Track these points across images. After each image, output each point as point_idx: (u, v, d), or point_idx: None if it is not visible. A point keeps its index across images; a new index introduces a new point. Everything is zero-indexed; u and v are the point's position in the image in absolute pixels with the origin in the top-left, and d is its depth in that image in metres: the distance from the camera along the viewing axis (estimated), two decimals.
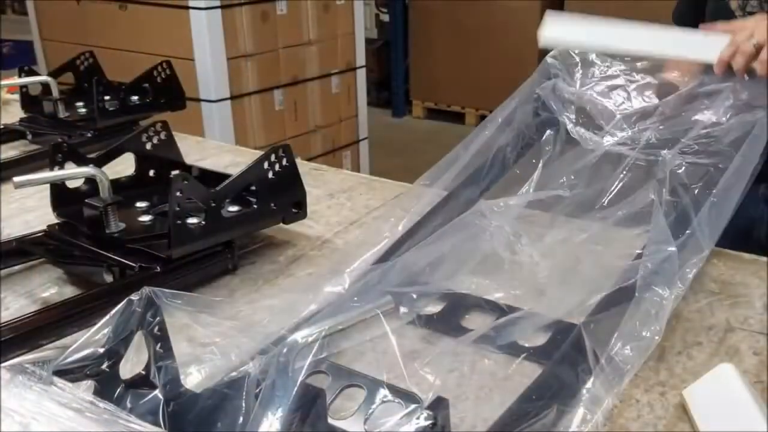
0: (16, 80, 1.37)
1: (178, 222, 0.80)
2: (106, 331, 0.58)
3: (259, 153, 1.04)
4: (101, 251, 0.84)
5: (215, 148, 1.41)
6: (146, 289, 0.60)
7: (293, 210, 0.92)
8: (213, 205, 0.83)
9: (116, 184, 0.89)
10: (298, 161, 0.92)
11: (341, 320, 0.73)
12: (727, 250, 0.91)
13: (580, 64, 1.05)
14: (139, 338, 0.59)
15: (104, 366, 0.58)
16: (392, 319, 0.75)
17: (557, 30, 1.07)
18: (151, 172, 0.99)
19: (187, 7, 2.49)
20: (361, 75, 3.22)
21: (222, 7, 2.52)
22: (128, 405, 0.58)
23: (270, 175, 0.88)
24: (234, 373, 0.60)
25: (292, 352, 0.62)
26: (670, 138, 0.94)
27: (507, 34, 4.48)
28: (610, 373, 0.65)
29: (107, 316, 0.59)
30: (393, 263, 0.79)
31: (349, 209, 1.07)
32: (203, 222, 0.82)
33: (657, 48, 1.02)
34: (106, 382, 0.58)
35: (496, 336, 0.72)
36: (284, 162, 0.89)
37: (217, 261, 0.88)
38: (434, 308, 0.79)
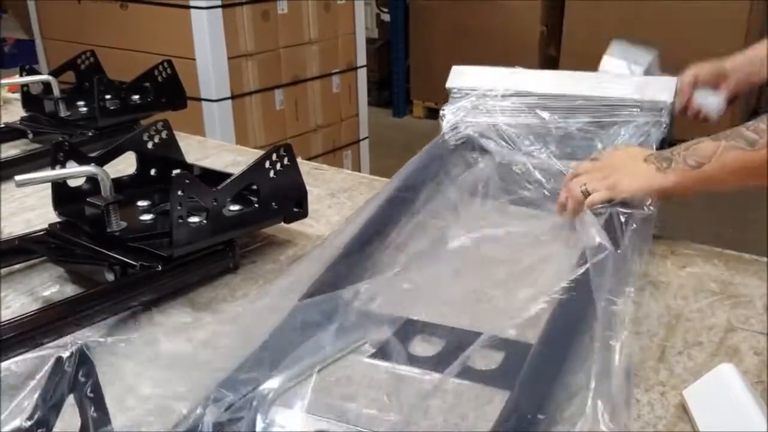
0: (17, 79, 1.37)
1: (180, 221, 0.80)
2: (35, 397, 0.51)
3: (260, 152, 1.04)
4: (102, 250, 0.84)
5: (216, 147, 1.41)
6: (77, 343, 0.54)
7: (294, 209, 0.92)
8: (214, 204, 0.83)
9: (117, 183, 0.90)
10: (299, 161, 0.92)
11: (312, 363, 0.67)
12: (728, 250, 0.91)
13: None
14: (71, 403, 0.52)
15: None
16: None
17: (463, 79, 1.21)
18: (153, 171, 0.99)
19: (188, 7, 2.48)
20: (362, 75, 3.22)
21: (223, 6, 2.52)
22: None
23: (271, 174, 0.88)
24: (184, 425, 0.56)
25: (262, 407, 0.57)
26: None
27: (507, 34, 4.48)
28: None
29: (34, 380, 0.53)
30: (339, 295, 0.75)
31: (349, 208, 1.07)
32: (204, 221, 0.83)
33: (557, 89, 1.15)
34: None
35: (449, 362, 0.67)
36: (285, 161, 0.89)
37: (219, 260, 0.88)
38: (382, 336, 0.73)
